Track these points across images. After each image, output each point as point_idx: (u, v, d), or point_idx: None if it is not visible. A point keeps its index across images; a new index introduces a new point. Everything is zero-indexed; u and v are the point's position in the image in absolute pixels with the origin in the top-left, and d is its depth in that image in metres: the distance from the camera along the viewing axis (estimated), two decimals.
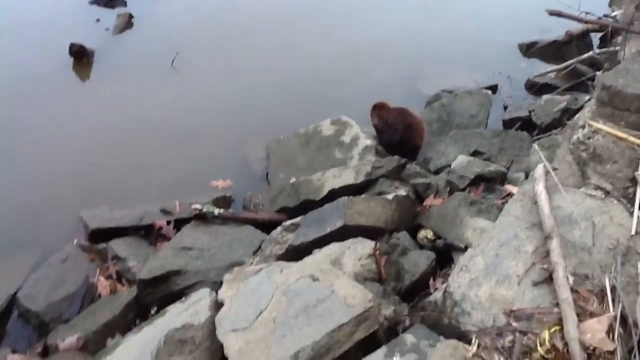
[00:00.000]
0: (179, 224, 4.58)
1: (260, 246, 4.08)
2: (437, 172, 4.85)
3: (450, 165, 4.59)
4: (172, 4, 8.58)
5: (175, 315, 3.25)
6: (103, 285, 4.17)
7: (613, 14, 6.79)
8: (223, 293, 3.24)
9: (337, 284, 2.92)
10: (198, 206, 4.48)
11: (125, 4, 8.53)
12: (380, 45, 7.42)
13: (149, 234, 4.63)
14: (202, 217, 4.47)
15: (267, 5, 8.37)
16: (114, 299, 3.99)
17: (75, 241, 4.59)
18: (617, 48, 5.89)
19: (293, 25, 7.91)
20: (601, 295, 2.46)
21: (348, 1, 8.54)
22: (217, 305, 3.19)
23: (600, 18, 6.82)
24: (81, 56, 7.09)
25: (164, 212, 4.72)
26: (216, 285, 3.58)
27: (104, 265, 4.34)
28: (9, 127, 5.92)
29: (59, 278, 4.25)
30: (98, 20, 8.05)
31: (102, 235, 4.57)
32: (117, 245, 4.43)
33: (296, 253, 3.70)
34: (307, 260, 3.42)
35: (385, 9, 8.36)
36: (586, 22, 6.78)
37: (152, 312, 3.83)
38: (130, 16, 8.11)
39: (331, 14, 8.20)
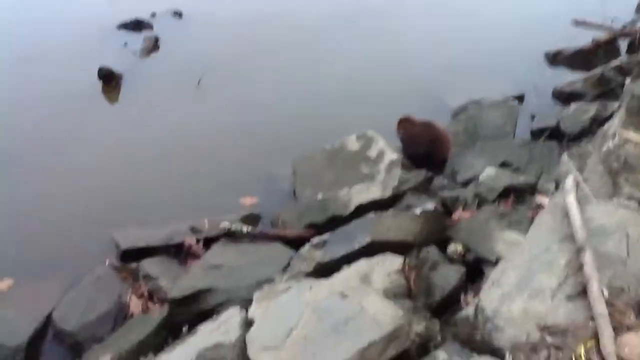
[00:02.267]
0: (208, 242, 4.61)
1: (289, 263, 4.08)
2: (465, 184, 4.81)
3: (478, 178, 4.55)
4: (197, 26, 8.73)
5: (207, 334, 3.27)
6: (135, 304, 4.20)
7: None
8: (253, 311, 3.25)
9: (366, 300, 2.91)
10: (227, 224, 4.51)
11: (151, 28, 8.69)
12: (405, 58, 7.42)
13: (179, 252, 4.66)
14: (231, 235, 4.50)
15: (292, 24, 8.44)
16: (146, 318, 4.02)
17: (107, 261, 4.65)
18: None
19: (318, 42, 7.97)
20: (638, 308, 2.41)
21: (373, 17, 8.55)
22: (248, 324, 3.20)
23: (625, 26, 6.73)
24: (110, 80, 7.24)
25: (193, 230, 4.75)
26: (246, 303, 3.59)
27: (135, 284, 4.39)
28: (41, 149, 6.05)
29: (92, 298, 4.29)
30: (125, 44, 8.22)
31: (133, 254, 4.62)
32: (148, 265, 4.47)
33: (325, 270, 3.69)
34: (336, 277, 3.41)
35: (410, 22, 8.37)
36: (612, 30, 6.70)
37: (184, 330, 3.85)
38: (157, 39, 8.28)
39: (357, 29, 8.22)
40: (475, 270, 3.61)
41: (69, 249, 4.85)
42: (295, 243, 4.35)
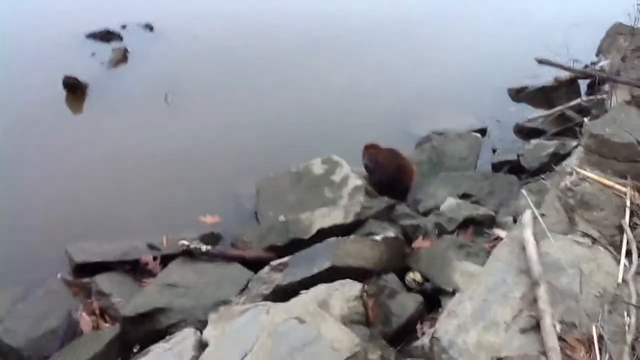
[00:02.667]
0: (166, 259, 4.52)
1: (247, 285, 4.04)
2: (426, 213, 4.86)
3: (439, 208, 4.61)
4: (167, 40, 8.67)
5: (159, 355, 3.20)
6: (86, 321, 4.08)
7: (600, 63, 6.95)
8: (208, 333, 3.19)
9: (324, 326, 2.89)
10: (185, 242, 4.44)
11: (121, 39, 8.61)
12: (372, 86, 7.51)
13: (135, 269, 4.56)
14: (189, 254, 4.43)
15: (264, 45, 8.48)
16: (97, 336, 3.90)
17: (59, 275, 4.52)
18: (604, 96, 6.01)
19: (286, 64, 8.02)
20: (588, 344, 2.46)
21: (342, 43, 8.65)
22: (202, 346, 3.14)
23: (587, 67, 6.98)
24: (75, 89, 7.11)
25: (151, 247, 4.67)
26: (201, 324, 3.53)
27: (87, 300, 4.27)
28: None
29: (41, 313, 4.14)
30: (93, 54, 8.11)
31: (87, 269, 4.50)
32: (102, 281, 4.35)
33: (283, 293, 3.66)
34: (294, 301, 3.39)
35: (377, 51, 8.49)
36: (574, 71, 6.94)
37: (135, 350, 3.75)
38: (126, 51, 8.18)
39: (325, 54, 8.30)
40: (433, 300, 3.64)
41: (20, 261, 4.70)
42: (255, 265, 4.31)
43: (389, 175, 5.26)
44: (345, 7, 9.83)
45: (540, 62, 6.53)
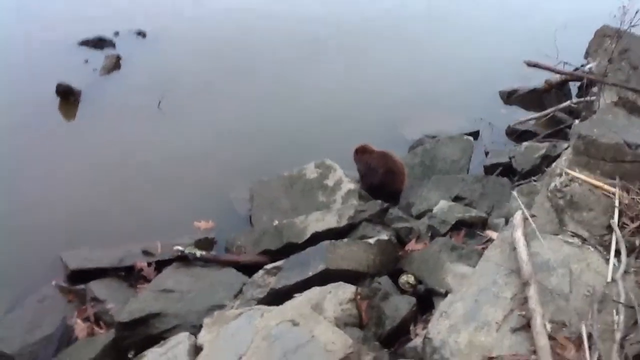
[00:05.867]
0: (160, 265, 4.54)
1: (241, 289, 4.06)
2: (419, 216, 4.89)
3: (432, 210, 4.64)
4: (160, 47, 8.68)
5: None
6: (80, 327, 4.09)
7: (588, 65, 7.01)
8: (202, 337, 3.21)
9: (317, 329, 2.91)
10: (180, 248, 4.46)
11: (114, 46, 8.61)
12: (366, 90, 7.56)
13: (130, 275, 4.58)
14: (183, 259, 4.45)
15: (258, 50, 8.51)
16: (91, 342, 3.92)
17: (53, 282, 4.52)
18: (593, 98, 6.07)
19: (279, 68, 8.05)
20: (578, 342, 2.49)
21: (335, 47, 8.69)
22: (196, 350, 3.16)
23: (576, 69, 7.04)
24: (68, 96, 7.12)
25: (146, 253, 4.68)
26: (196, 329, 3.54)
27: (82, 307, 4.28)
28: None
29: (36, 319, 4.16)
30: (86, 61, 8.11)
31: (82, 275, 4.52)
32: (96, 287, 4.37)
33: (277, 297, 3.69)
34: (288, 304, 3.40)
35: (370, 54, 8.54)
36: (563, 73, 7.00)
37: (130, 356, 3.76)
38: (119, 58, 8.19)
39: (318, 59, 8.33)
40: (426, 302, 3.66)
41: (15, 269, 4.71)
42: (249, 269, 4.34)
43: (380, 178, 5.30)
44: (337, 12, 9.87)
45: (530, 65, 6.59)
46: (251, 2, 10.09)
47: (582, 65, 7.18)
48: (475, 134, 6.70)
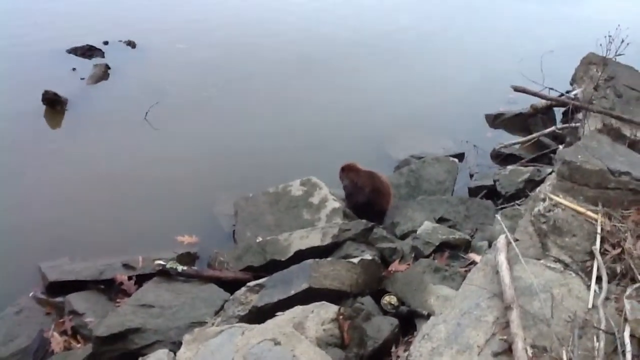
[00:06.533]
0: (141, 279, 4.49)
1: (223, 306, 4.01)
2: (403, 237, 4.90)
3: (416, 231, 4.64)
4: (149, 57, 8.70)
5: None
6: (57, 341, 4.01)
7: (574, 92, 7.12)
8: (182, 355, 3.16)
9: (298, 348, 2.88)
10: (161, 262, 4.41)
11: (102, 55, 8.61)
12: (353, 109, 7.61)
13: (110, 288, 4.51)
14: (165, 274, 4.39)
15: (244, 64, 8.56)
16: (68, 357, 3.84)
17: (31, 293, 4.45)
18: (578, 124, 6.15)
19: (268, 83, 8.09)
20: None
21: (325, 65, 8.76)
22: None
23: (562, 95, 7.15)
24: (54, 104, 7.08)
25: (126, 266, 4.63)
26: (175, 346, 3.49)
27: (59, 320, 4.21)
28: None
29: (11, 331, 4.09)
30: (74, 69, 8.09)
31: (61, 288, 4.44)
32: (75, 299, 4.30)
33: (259, 314, 3.65)
34: (270, 322, 3.37)
35: (359, 74, 8.61)
36: (549, 99, 7.11)
37: None
38: (107, 67, 8.18)
39: (308, 76, 8.40)
40: (408, 323, 3.65)
41: None
42: (231, 285, 4.29)
43: (365, 197, 5.30)
44: (327, 31, 9.98)
45: (516, 89, 6.68)
46: (242, 17, 10.19)
47: (568, 92, 7.29)
48: (461, 156, 6.75)
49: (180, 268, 4.40)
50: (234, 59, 8.68)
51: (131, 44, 9.01)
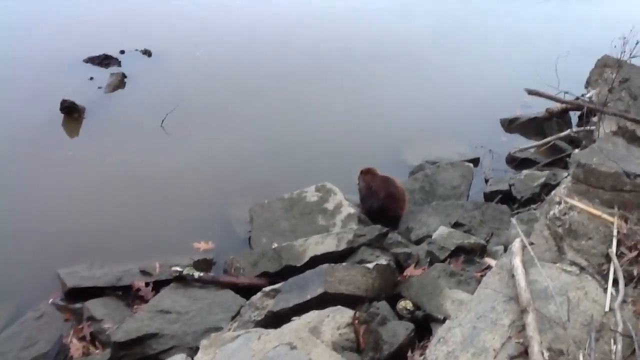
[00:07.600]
0: (158, 285, 4.54)
1: (239, 311, 4.04)
2: (418, 242, 4.90)
3: (431, 236, 4.64)
4: (165, 66, 8.79)
5: None
6: (76, 347, 4.07)
7: (588, 95, 7.07)
8: (199, 359, 3.19)
9: (314, 353, 2.90)
10: (178, 268, 4.46)
11: (119, 64, 8.72)
12: (369, 115, 7.64)
13: (127, 294, 4.57)
14: (181, 280, 4.44)
15: (260, 70, 8.62)
16: None
17: (51, 299, 4.52)
18: (593, 127, 6.11)
19: (284, 89, 8.13)
20: None
21: (342, 71, 8.80)
22: None
23: (577, 98, 7.11)
24: (72, 112, 7.18)
25: (144, 273, 4.69)
26: (192, 351, 3.53)
27: (78, 326, 4.26)
28: None
29: (32, 336, 4.15)
30: (91, 78, 8.20)
31: (79, 294, 4.51)
32: (94, 306, 4.36)
33: (275, 319, 3.68)
34: (286, 327, 3.39)
35: (375, 80, 8.63)
36: (563, 102, 7.06)
37: None
38: (124, 76, 8.29)
39: (324, 82, 8.43)
40: (424, 328, 3.64)
41: (14, 285, 4.70)
42: (247, 291, 4.32)
43: (380, 202, 5.30)
44: (345, 36, 10.02)
45: (531, 93, 6.65)
46: (257, 25, 10.26)
47: (583, 95, 7.24)
48: (476, 161, 6.73)
49: (197, 274, 4.45)
50: (250, 66, 8.75)
51: (147, 53, 9.12)
